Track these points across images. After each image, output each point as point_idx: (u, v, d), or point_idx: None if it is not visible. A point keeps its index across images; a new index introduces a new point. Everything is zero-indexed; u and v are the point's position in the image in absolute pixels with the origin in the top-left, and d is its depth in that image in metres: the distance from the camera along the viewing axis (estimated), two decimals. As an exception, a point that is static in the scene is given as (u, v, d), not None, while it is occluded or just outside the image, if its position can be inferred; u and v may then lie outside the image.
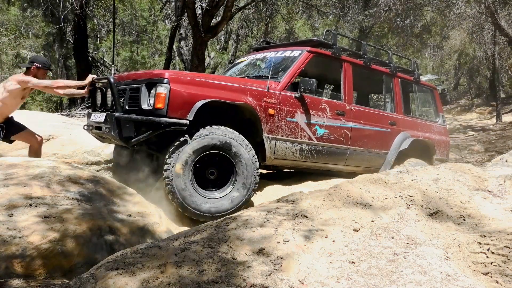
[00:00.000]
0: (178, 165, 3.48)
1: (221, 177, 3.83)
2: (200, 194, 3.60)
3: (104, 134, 3.85)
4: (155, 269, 1.92)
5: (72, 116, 8.10)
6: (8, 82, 4.37)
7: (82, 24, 12.48)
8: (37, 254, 2.43)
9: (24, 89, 4.38)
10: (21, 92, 4.38)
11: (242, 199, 3.73)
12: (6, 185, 2.89)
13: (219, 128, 3.69)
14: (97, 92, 4.21)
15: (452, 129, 14.92)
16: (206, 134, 3.59)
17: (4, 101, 4.30)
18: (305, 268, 2.00)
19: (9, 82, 4.36)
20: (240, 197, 3.71)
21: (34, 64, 4.43)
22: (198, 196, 3.58)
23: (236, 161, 3.71)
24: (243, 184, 3.73)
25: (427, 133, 5.73)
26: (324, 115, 4.51)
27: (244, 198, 3.74)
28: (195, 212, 3.55)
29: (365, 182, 3.01)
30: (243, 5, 13.93)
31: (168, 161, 3.49)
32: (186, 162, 3.51)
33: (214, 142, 3.61)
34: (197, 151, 3.55)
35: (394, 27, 16.05)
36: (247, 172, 3.74)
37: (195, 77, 3.75)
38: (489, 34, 15.42)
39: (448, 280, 1.87)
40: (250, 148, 3.80)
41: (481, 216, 2.51)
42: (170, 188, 3.48)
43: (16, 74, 4.65)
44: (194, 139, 3.54)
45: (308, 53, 4.53)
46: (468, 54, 19.79)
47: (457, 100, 25.25)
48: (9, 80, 4.43)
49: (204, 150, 3.59)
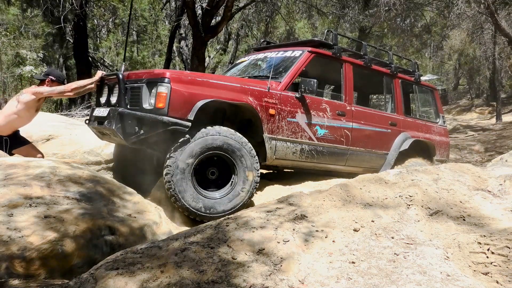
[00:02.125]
0: (179, 165, 3.47)
1: (222, 177, 3.83)
2: (201, 194, 3.60)
3: (105, 129, 3.84)
4: (155, 269, 1.92)
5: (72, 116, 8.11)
6: (22, 95, 4.34)
7: (82, 24, 12.48)
8: (37, 254, 2.42)
9: (38, 100, 4.37)
10: (36, 103, 4.36)
11: (243, 199, 3.73)
12: (6, 185, 2.89)
13: (220, 128, 3.69)
14: (104, 88, 4.21)
15: (452, 129, 14.92)
16: (207, 134, 3.59)
17: (19, 114, 4.28)
18: (305, 268, 2.00)
19: (23, 95, 4.33)
20: (241, 197, 3.71)
21: (49, 76, 4.44)
22: (199, 196, 3.57)
23: (237, 162, 3.71)
24: (245, 184, 3.73)
25: (428, 133, 5.73)
26: (324, 115, 4.51)
27: (245, 199, 3.73)
28: (196, 212, 3.55)
29: (365, 182, 3.01)
30: (243, 5, 13.93)
31: (169, 161, 3.49)
32: (187, 162, 3.50)
33: (216, 143, 3.60)
34: (198, 151, 3.54)
35: (394, 27, 16.05)
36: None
37: (196, 77, 3.75)
38: (489, 34, 15.42)
39: (448, 280, 1.87)
40: (251, 149, 3.80)
41: (481, 216, 2.51)
42: (171, 188, 3.47)
43: (29, 87, 4.63)
44: (196, 139, 3.54)
45: (308, 53, 4.53)
46: (468, 54, 19.78)
47: (457, 100, 25.26)
48: (23, 92, 4.40)
49: (206, 151, 3.58)
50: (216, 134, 3.62)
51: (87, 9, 12.16)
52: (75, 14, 11.42)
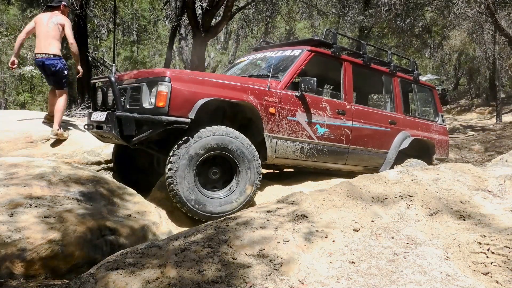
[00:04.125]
0: (182, 165, 3.46)
1: (224, 176, 3.82)
2: (204, 194, 3.58)
3: (105, 133, 3.84)
4: (155, 269, 1.92)
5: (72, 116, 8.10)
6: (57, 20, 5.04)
7: (82, 24, 12.48)
8: (37, 254, 2.43)
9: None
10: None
11: (246, 198, 3.72)
12: (6, 185, 2.89)
13: (220, 127, 3.68)
14: (98, 91, 4.20)
15: (452, 129, 14.92)
16: (209, 133, 3.57)
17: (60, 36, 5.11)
18: (305, 268, 2.00)
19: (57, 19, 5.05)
20: (243, 197, 3.71)
21: (62, 3, 5.18)
22: (202, 196, 3.55)
23: (239, 161, 3.70)
24: (246, 184, 3.72)
25: (427, 132, 5.73)
26: (324, 114, 4.52)
27: (247, 198, 3.73)
28: (199, 212, 3.52)
29: (365, 182, 3.01)
30: (243, 5, 13.93)
31: (171, 160, 3.47)
32: (190, 162, 3.48)
33: (218, 142, 3.59)
34: (201, 151, 3.52)
35: (394, 27, 16.04)
36: (250, 172, 3.73)
37: (196, 76, 3.75)
38: (489, 34, 15.40)
39: (448, 280, 1.87)
40: (253, 148, 3.80)
41: (481, 216, 2.51)
42: (173, 189, 3.45)
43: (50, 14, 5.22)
44: (198, 139, 3.52)
45: (308, 52, 4.53)
46: (468, 54, 19.77)
47: (457, 100, 25.24)
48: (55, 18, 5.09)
49: (209, 150, 3.57)
50: (218, 134, 3.60)
51: (87, 9, 12.15)
52: (75, 14, 11.41)
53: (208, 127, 3.61)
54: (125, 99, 3.74)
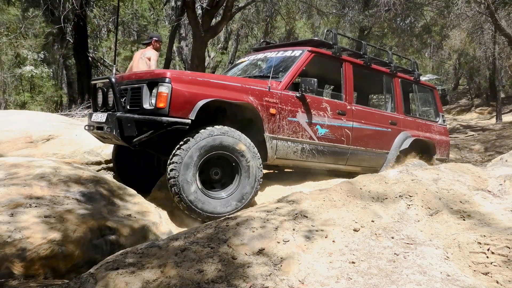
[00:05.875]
0: (183, 165, 3.45)
1: (225, 177, 3.82)
2: (206, 195, 3.58)
3: (106, 134, 3.84)
4: (155, 269, 1.92)
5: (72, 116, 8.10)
6: (147, 54, 5.77)
7: (82, 24, 12.48)
8: (37, 254, 2.43)
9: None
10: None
11: (247, 198, 3.72)
12: (6, 185, 2.89)
13: (222, 128, 3.68)
14: (98, 92, 4.20)
15: (452, 129, 14.91)
16: (210, 134, 3.57)
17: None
18: (305, 268, 2.00)
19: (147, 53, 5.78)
20: (245, 197, 3.71)
21: (153, 38, 5.89)
22: (203, 196, 3.55)
23: (241, 161, 3.70)
24: (248, 184, 3.72)
25: (428, 132, 5.73)
26: (325, 114, 4.51)
27: (249, 198, 3.73)
28: (200, 212, 3.52)
29: (365, 182, 3.01)
30: (243, 5, 13.93)
31: (173, 161, 3.47)
32: (191, 163, 3.48)
33: (220, 142, 3.59)
34: (203, 151, 3.52)
35: (394, 27, 16.04)
36: (252, 172, 3.73)
37: (196, 77, 3.75)
38: (489, 34, 15.40)
39: (448, 280, 1.87)
40: (254, 148, 3.80)
41: (481, 216, 2.51)
42: (176, 190, 3.44)
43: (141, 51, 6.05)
44: (200, 139, 3.52)
45: (308, 52, 4.53)
46: (468, 54, 19.76)
47: (457, 100, 25.24)
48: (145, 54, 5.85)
49: (210, 151, 3.57)
50: (219, 134, 3.60)
51: (87, 9, 12.16)
52: (75, 14, 11.41)
53: (208, 127, 3.61)
54: (126, 100, 3.74)
